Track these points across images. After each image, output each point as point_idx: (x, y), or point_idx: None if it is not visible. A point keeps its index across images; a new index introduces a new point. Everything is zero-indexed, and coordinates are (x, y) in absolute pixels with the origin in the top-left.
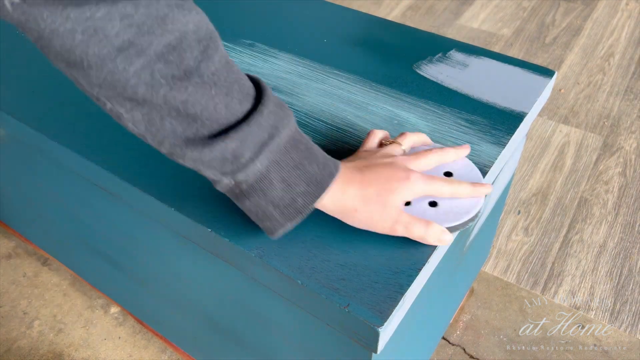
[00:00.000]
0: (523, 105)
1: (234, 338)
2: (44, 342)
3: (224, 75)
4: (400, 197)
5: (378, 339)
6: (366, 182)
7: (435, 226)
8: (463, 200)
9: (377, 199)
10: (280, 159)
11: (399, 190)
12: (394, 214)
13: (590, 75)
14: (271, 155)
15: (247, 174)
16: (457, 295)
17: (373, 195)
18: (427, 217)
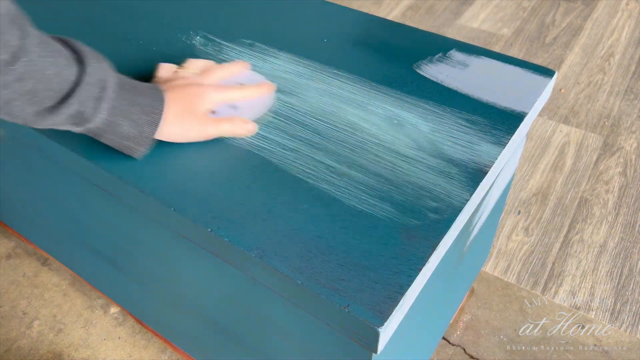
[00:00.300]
0: (523, 105)
1: (234, 338)
2: (43, 342)
3: (46, 46)
4: (203, 106)
5: (378, 339)
6: (170, 102)
7: (238, 119)
8: (257, 100)
9: (183, 112)
10: (116, 104)
11: (201, 101)
12: (203, 121)
13: (590, 75)
14: (108, 103)
15: (95, 123)
16: (457, 295)
17: (182, 111)
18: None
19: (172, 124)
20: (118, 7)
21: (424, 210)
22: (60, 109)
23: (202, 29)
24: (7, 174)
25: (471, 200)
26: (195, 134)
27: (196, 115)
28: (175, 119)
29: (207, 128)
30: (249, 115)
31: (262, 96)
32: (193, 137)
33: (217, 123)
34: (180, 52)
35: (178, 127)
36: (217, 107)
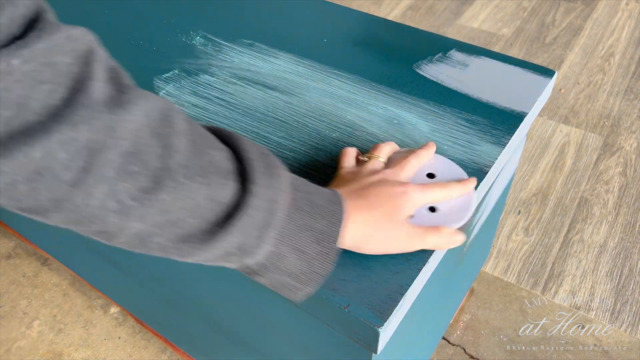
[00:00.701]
0: (523, 105)
1: (234, 338)
2: (43, 342)
3: (195, 161)
4: (405, 212)
5: (378, 339)
6: (369, 207)
7: (445, 230)
8: (458, 199)
9: (385, 220)
10: (286, 231)
11: (402, 205)
12: (406, 230)
13: (590, 75)
14: (277, 232)
15: (256, 258)
16: (457, 295)
17: (380, 217)
18: (432, 223)
19: (373, 234)
20: (118, 7)
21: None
22: (213, 242)
23: (202, 29)
24: None
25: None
26: (400, 246)
27: (398, 224)
28: (378, 226)
29: (411, 241)
30: (451, 219)
31: (464, 195)
32: (397, 249)
33: (423, 235)
34: (181, 52)
35: (381, 237)
36: (417, 211)
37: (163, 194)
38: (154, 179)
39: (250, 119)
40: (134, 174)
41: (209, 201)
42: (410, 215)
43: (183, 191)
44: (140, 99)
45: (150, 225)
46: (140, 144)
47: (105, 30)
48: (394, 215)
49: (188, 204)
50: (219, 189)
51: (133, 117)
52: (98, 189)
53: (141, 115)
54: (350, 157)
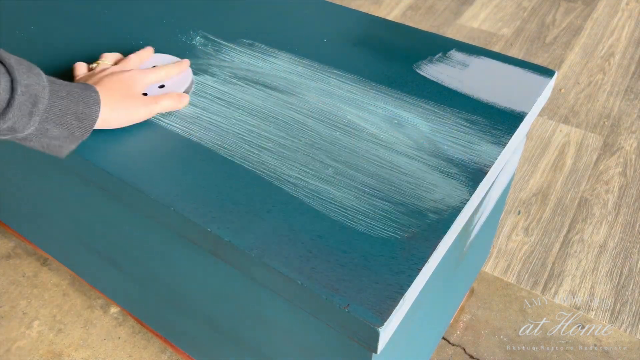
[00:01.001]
0: (523, 105)
1: (234, 338)
2: (43, 342)
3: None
4: (136, 89)
5: (378, 339)
6: (107, 90)
7: (172, 93)
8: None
9: (123, 97)
10: (49, 115)
11: (133, 84)
12: (141, 101)
13: (590, 75)
14: (40, 117)
15: (25, 133)
16: (457, 295)
17: (118, 95)
18: None
19: (114, 110)
20: (118, 7)
21: (424, 210)
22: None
23: (202, 29)
24: (7, 174)
25: (471, 200)
26: (141, 114)
27: (135, 97)
28: (117, 104)
29: (149, 106)
30: (176, 88)
31: (183, 71)
32: (139, 118)
33: (157, 100)
34: (181, 52)
35: (122, 112)
36: (147, 89)
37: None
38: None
39: (250, 119)
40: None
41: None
42: (143, 93)
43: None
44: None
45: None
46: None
47: (105, 30)
48: (128, 92)
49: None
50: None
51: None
52: None
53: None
54: (82, 67)
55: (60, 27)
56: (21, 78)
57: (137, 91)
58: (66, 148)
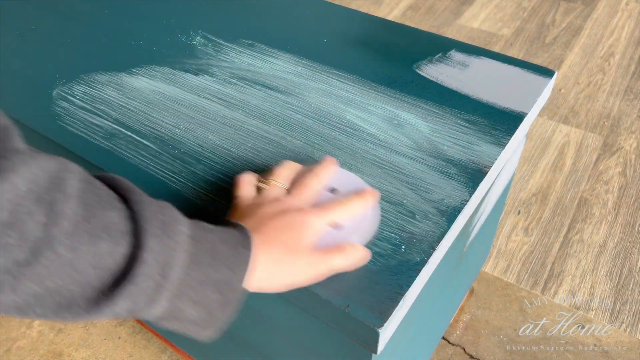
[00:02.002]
0: (523, 105)
1: (234, 338)
2: (44, 342)
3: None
4: (307, 241)
5: (378, 339)
6: (269, 242)
7: (349, 247)
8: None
9: (287, 254)
10: (183, 289)
11: (304, 235)
12: (308, 259)
13: (590, 75)
14: (171, 292)
15: (150, 314)
16: (457, 295)
17: (282, 252)
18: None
19: (271, 273)
20: (118, 7)
21: (424, 211)
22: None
23: (202, 29)
24: None
25: (471, 200)
26: (304, 279)
27: (302, 254)
28: (276, 266)
29: (317, 268)
30: (356, 235)
31: (368, 209)
32: (301, 283)
33: (326, 258)
34: (181, 52)
35: (280, 276)
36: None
37: (39, 266)
38: (32, 250)
39: (250, 119)
40: (8, 247)
41: (94, 268)
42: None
43: (64, 262)
44: (23, 165)
45: (27, 296)
46: (19, 213)
47: (105, 30)
48: (295, 247)
49: (69, 272)
50: (105, 255)
51: (11, 186)
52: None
53: (23, 182)
54: (248, 186)
55: (60, 27)
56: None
57: (307, 244)
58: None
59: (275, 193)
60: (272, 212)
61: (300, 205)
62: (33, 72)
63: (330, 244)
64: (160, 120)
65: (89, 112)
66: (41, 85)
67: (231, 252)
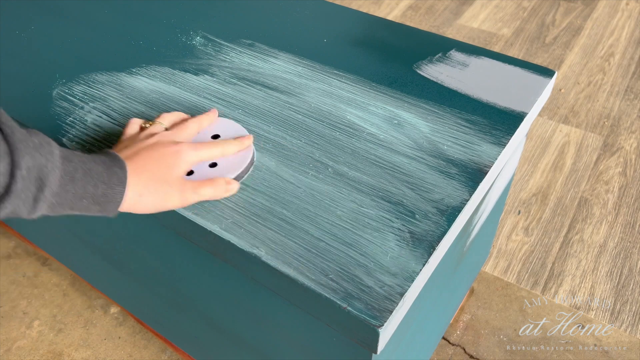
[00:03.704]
0: (523, 105)
1: (234, 338)
2: (44, 342)
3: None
4: (178, 170)
5: (378, 339)
6: (141, 168)
7: (219, 179)
8: (238, 154)
9: (156, 180)
10: (59, 201)
11: (175, 164)
12: (178, 186)
13: (590, 75)
14: (48, 203)
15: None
16: (457, 295)
17: (152, 177)
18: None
19: (144, 195)
20: (118, 7)
21: (424, 211)
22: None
23: (202, 29)
24: None
25: (471, 200)
26: (173, 203)
27: (171, 182)
28: (147, 188)
29: (185, 195)
30: (230, 172)
31: (243, 150)
32: (170, 207)
33: (196, 188)
34: (181, 52)
35: (151, 198)
36: (194, 166)
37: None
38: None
39: (250, 119)
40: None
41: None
42: (189, 171)
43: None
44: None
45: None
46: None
47: (105, 30)
48: (166, 175)
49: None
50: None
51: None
52: None
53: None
54: (134, 125)
55: (60, 27)
56: (23, 160)
57: (178, 172)
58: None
59: (155, 129)
60: (147, 144)
61: (176, 139)
62: (33, 72)
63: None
64: None
65: (88, 112)
66: (41, 85)
67: (105, 171)
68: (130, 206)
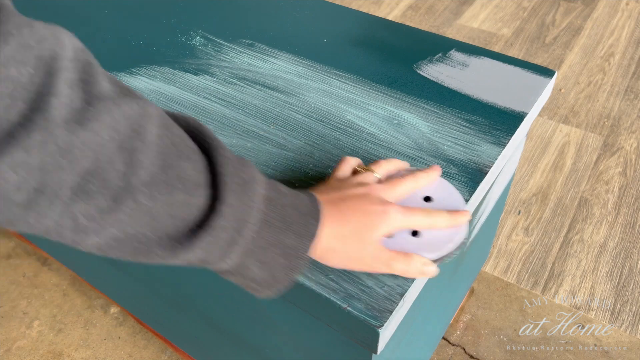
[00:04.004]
0: (523, 105)
1: (234, 338)
2: (43, 342)
3: (162, 177)
4: (379, 232)
5: (378, 339)
6: (342, 219)
7: (416, 259)
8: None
9: (354, 236)
10: (253, 247)
11: (377, 225)
12: (372, 252)
13: (590, 75)
14: (243, 248)
15: (219, 267)
16: (457, 295)
17: (350, 233)
18: (410, 248)
19: (333, 249)
20: (118, 7)
21: None
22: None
23: (202, 29)
24: None
25: (471, 200)
26: (359, 266)
27: (367, 243)
28: (339, 244)
29: (375, 263)
30: (431, 248)
31: (454, 227)
32: (355, 268)
33: (389, 261)
34: (181, 52)
35: (341, 256)
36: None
37: (121, 214)
38: (114, 198)
39: (250, 119)
40: (91, 194)
41: (172, 218)
42: (388, 235)
43: (143, 211)
44: (106, 113)
45: (108, 239)
46: (101, 162)
47: (105, 30)
48: (364, 234)
49: (149, 221)
50: (183, 205)
51: (94, 136)
52: (52, 209)
53: (105, 131)
54: (347, 166)
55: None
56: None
57: (378, 235)
58: (265, 293)
59: (367, 179)
60: (354, 193)
61: (386, 197)
62: None
63: (399, 248)
64: None
65: None
66: None
67: (301, 220)
68: (323, 256)
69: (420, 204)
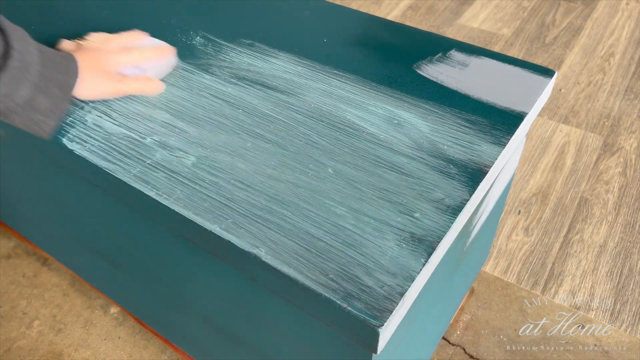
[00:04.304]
0: (523, 105)
1: (234, 338)
2: (43, 342)
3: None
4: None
5: (378, 339)
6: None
7: (143, 77)
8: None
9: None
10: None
11: (107, 62)
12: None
13: (590, 75)
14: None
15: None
16: (457, 295)
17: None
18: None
19: (86, 82)
20: (118, 6)
21: (424, 210)
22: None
23: (202, 29)
24: (7, 174)
25: (471, 200)
26: (107, 90)
27: (106, 74)
28: (89, 78)
29: (116, 84)
30: (153, 74)
31: (165, 57)
32: (105, 93)
33: (124, 80)
34: (181, 52)
35: (91, 85)
36: (123, 68)
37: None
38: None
39: (250, 119)
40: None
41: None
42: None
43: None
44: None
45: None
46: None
47: (105, 30)
48: (100, 67)
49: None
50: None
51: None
52: None
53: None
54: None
55: (60, 27)
56: (16, 44)
57: (110, 69)
58: (48, 125)
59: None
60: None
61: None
62: None
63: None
64: (160, 120)
65: (88, 112)
66: None
67: (65, 63)
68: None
69: None
